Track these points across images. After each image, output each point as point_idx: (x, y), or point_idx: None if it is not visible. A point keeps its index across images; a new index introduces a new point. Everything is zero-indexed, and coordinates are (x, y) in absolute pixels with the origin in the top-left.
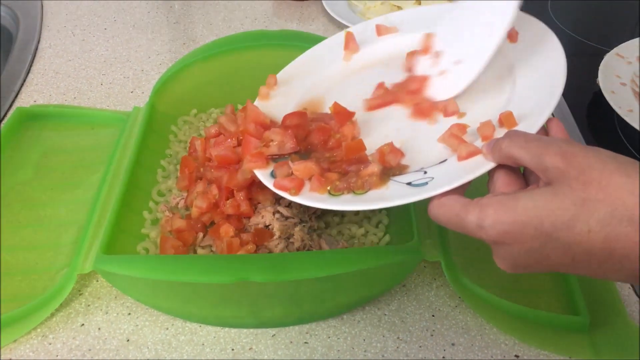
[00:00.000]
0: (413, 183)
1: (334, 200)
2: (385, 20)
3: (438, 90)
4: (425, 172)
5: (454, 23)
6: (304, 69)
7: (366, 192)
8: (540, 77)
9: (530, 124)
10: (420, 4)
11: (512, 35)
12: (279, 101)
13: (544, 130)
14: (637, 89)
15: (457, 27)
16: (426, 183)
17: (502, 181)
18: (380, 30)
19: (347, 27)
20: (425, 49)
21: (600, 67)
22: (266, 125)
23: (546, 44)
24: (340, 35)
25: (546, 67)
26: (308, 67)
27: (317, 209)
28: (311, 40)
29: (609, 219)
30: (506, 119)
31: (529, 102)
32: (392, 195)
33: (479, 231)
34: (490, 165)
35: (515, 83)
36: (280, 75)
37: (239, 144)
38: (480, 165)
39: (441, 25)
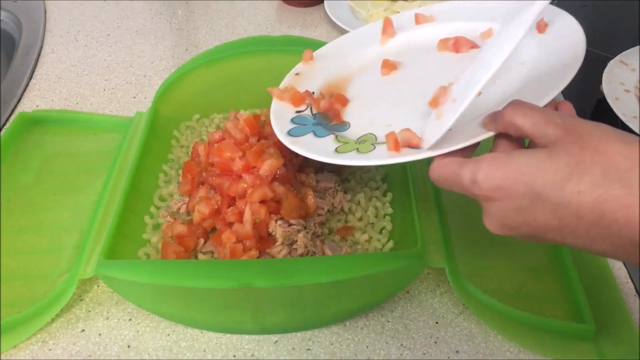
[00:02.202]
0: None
1: (338, 156)
2: (424, 10)
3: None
4: None
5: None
6: (341, 49)
7: (370, 151)
8: (557, 65)
9: (536, 102)
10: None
11: (540, 27)
12: (310, 75)
13: (555, 108)
14: None
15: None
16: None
17: (504, 145)
18: (419, 19)
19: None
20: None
21: (604, 74)
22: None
23: (570, 37)
24: (380, 22)
25: (564, 56)
26: (345, 48)
27: (322, 217)
28: (314, 45)
29: (601, 180)
30: None
31: (540, 85)
32: (393, 154)
33: (472, 186)
34: (490, 133)
35: (535, 69)
36: (318, 52)
37: (244, 153)
38: (481, 133)
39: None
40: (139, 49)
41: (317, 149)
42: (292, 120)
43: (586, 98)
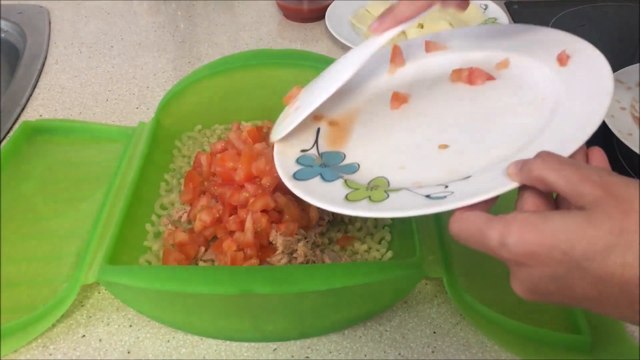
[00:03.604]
0: (432, 196)
1: (349, 205)
2: (435, 37)
3: (275, 133)
4: (446, 187)
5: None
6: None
7: (384, 200)
8: (583, 103)
9: (563, 148)
10: (422, 27)
11: (562, 59)
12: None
13: (585, 156)
14: (636, 114)
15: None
16: (445, 197)
17: (531, 201)
18: (429, 47)
19: (350, 48)
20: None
21: None
22: None
23: (596, 71)
24: (388, 49)
25: (590, 93)
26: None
27: (322, 227)
28: (316, 59)
29: None
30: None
31: (566, 127)
32: (410, 205)
33: (500, 249)
34: (515, 184)
35: (558, 106)
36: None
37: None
38: (506, 183)
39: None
40: (142, 61)
41: (326, 195)
42: (297, 161)
43: None
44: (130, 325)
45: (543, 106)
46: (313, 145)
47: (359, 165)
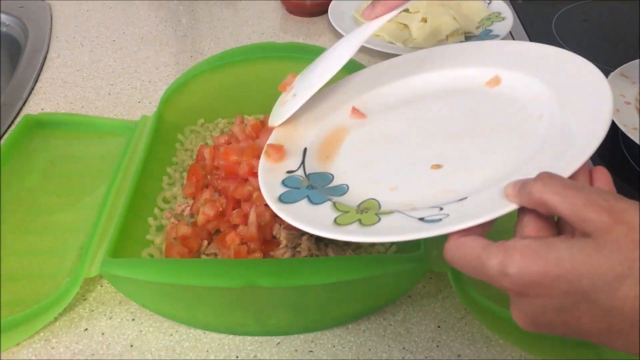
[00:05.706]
0: (426, 219)
1: (338, 229)
2: (428, 52)
3: (274, 118)
4: (441, 209)
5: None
6: (337, 94)
7: (375, 223)
8: (582, 120)
9: (563, 168)
10: (426, 21)
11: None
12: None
13: (588, 176)
14: None
15: (310, 69)
16: (440, 219)
17: (532, 225)
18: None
19: None
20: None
21: None
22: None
23: (593, 87)
24: (378, 65)
25: (589, 110)
26: (341, 94)
27: None
28: (319, 53)
29: None
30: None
31: (565, 145)
32: (403, 229)
33: (501, 279)
34: (514, 206)
35: (555, 124)
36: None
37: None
38: (504, 205)
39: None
40: (144, 55)
41: (314, 219)
42: (283, 183)
43: None
44: (133, 319)
45: (539, 124)
46: (300, 166)
47: (348, 186)
